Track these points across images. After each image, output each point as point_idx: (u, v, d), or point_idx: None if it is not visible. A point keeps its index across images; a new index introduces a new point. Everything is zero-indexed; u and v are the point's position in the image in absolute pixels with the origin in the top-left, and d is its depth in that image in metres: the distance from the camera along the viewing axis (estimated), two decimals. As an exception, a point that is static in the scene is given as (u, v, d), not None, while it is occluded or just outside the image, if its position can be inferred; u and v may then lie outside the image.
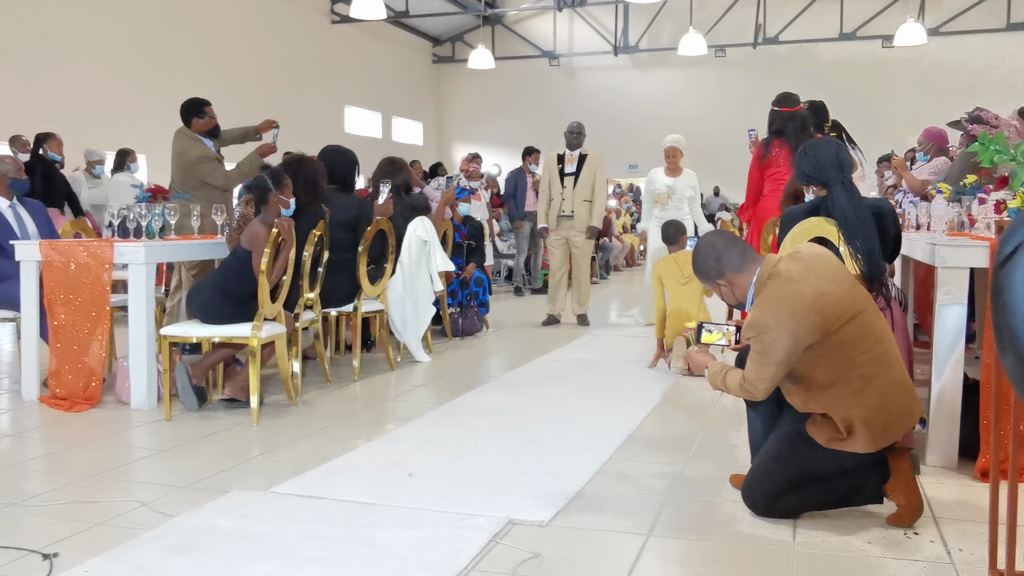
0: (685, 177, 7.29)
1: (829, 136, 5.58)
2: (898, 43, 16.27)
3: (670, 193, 7.22)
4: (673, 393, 4.78)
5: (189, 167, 5.70)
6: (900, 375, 2.74)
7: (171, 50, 13.87)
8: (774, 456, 2.80)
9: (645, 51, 21.82)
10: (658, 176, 7.35)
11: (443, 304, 6.76)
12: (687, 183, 7.26)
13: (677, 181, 7.26)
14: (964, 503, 2.97)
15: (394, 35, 21.37)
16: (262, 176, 4.35)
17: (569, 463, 3.39)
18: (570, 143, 7.46)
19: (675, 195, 7.21)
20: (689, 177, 7.31)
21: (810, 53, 20.70)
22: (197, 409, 4.28)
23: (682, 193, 7.21)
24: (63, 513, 2.86)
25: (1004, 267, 0.74)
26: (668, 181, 7.27)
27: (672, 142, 7.29)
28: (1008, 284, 0.73)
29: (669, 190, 7.23)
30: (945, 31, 19.55)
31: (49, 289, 4.42)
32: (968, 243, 3.28)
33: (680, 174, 7.29)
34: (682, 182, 7.25)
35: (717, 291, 2.88)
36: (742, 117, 13.00)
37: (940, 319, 3.29)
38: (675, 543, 2.64)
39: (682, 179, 7.28)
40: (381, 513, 2.84)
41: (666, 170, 7.31)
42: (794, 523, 2.76)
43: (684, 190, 7.21)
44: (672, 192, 7.22)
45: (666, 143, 7.31)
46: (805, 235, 3.31)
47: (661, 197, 7.25)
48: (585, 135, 7.49)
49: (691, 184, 7.27)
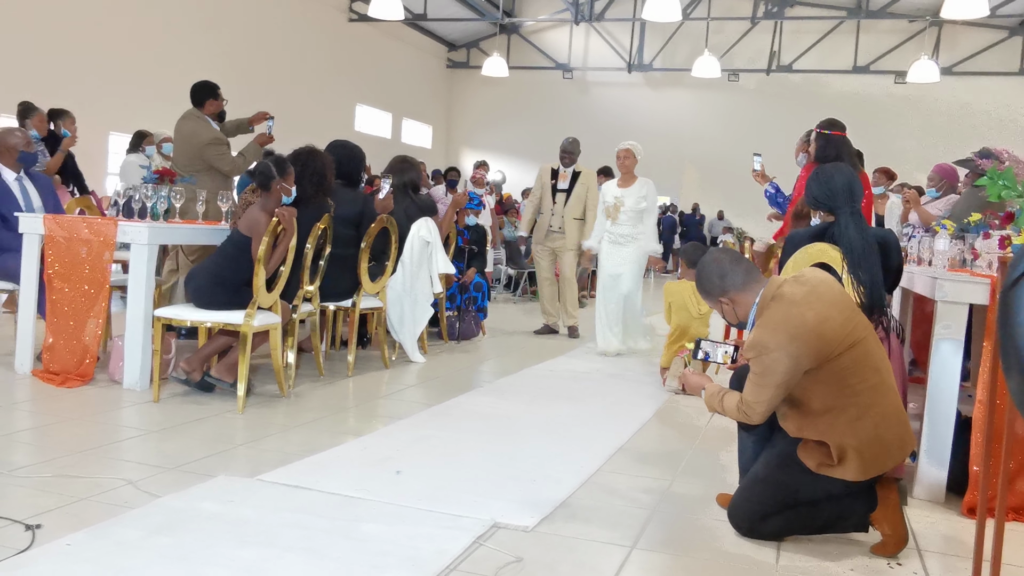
0: (637, 187, 6.47)
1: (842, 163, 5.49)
2: (911, 79, 16.38)
3: (618, 205, 6.43)
4: (665, 410, 4.78)
5: (199, 149, 5.69)
6: (896, 406, 2.74)
7: (187, 39, 13.90)
8: (762, 478, 2.80)
9: (659, 70, 21.92)
10: (608, 187, 6.62)
11: (441, 306, 6.76)
12: (638, 194, 6.44)
13: (627, 192, 6.46)
14: (949, 538, 2.97)
15: (410, 37, 21.45)
16: (266, 162, 4.35)
17: (557, 471, 3.39)
18: (562, 160, 7.34)
19: (624, 207, 6.42)
20: (641, 187, 6.48)
21: (822, 83, 20.80)
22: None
23: (633, 206, 6.41)
24: (48, 486, 2.86)
25: (1013, 288, 0.74)
26: (617, 192, 6.50)
27: (627, 144, 6.56)
28: (1016, 305, 0.73)
29: (617, 201, 6.44)
30: (958, 71, 19.66)
31: (50, 263, 4.42)
32: (969, 279, 3.28)
33: (632, 184, 6.50)
34: (633, 193, 6.45)
35: (719, 309, 2.87)
36: (751, 141, 13.04)
37: (937, 353, 3.29)
38: (658, 557, 2.63)
39: (633, 190, 6.46)
40: (366, 508, 2.84)
41: (619, 180, 6.60)
42: (778, 545, 2.75)
43: (636, 202, 6.42)
44: (620, 204, 6.43)
45: (620, 145, 6.57)
46: (808, 260, 3.32)
47: (610, 210, 6.48)
48: (579, 153, 7.35)
49: (643, 194, 6.43)
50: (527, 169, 11.32)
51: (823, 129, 5.17)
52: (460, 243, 7.33)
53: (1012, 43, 19.39)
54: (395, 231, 5.39)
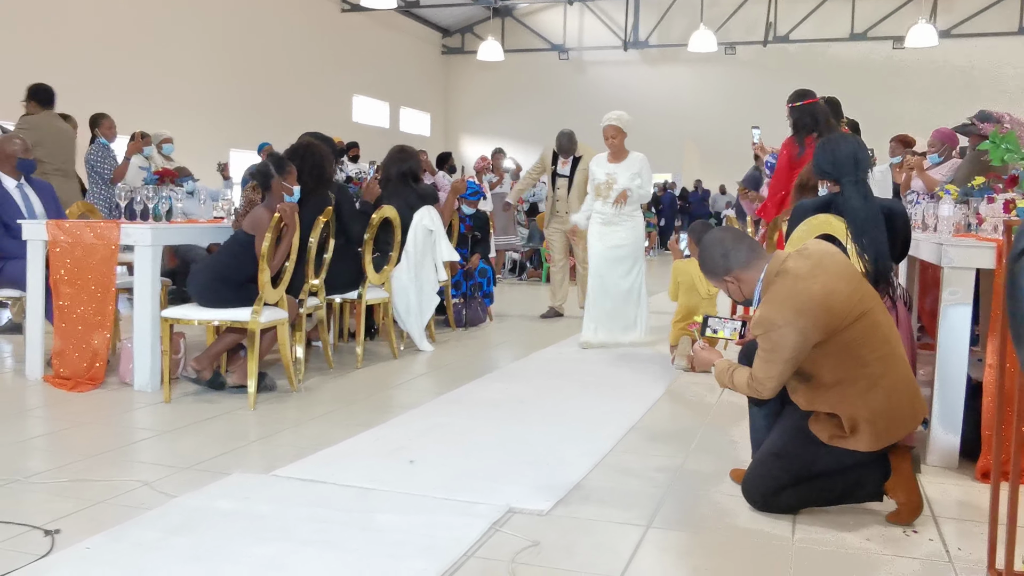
0: (630, 162, 5.98)
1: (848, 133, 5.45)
2: (909, 44, 16.22)
3: (610, 182, 5.92)
4: (675, 388, 4.78)
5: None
6: (906, 375, 2.73)
7: (181, 35, 13.86)
8: (775, 452, 2.80)
9: (655, 47, 21.76)
10: (599, 162, 6.08)
11: (447, 294, 6.76)
12: (632, 169, 5.94)
13: (619, 168, 5.95)
14: (964, 503, 2.97)
15: (404, 25, 21.35)
16: (265, 162, 4.35)
17: (570, 454, 3.40)
18: (560, 150, 7.33)
19: (617, 184, 5.90)
20: (633, 162, 5.98)
21: (820, 53, 20.64)
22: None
23: (627, 183, 5.90)
24: (65, 491, 2.87)
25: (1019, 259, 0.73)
26: (609, 168, 5.97)
27: (610, 120, 6.01)
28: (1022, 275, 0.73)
29: (609, 178, 5.93)
30: (957, 33, 19.49)
31: (55, 269, 4.43)
32: (975, 244, 3.27)
33: (624, 158, 6.00)
34: (626, 168, 5.95)
35: (724, 288, 2.86)
36: (750, 115, 12.98)
37: (945, 319, 3.28)
38: (674, 535, 2.64)
39: (626, 165, 5.96)
40: (382, 498, 2.85)
41: (609, 155, 6.06)
42: (793, 519, 2.76)
43: (630, 178, 5.91)
44: (613, 180, 5.92)
45: (603, 122, 6.05)
46: (812, 232, 3.30)
47: (601, 187, 5.96)
48: (575, 144, 7.30)
49: (636, 170, 5.94)
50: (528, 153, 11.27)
51: (793, 103, 5.18)
52: (463, 230, 7.32)
53: (1011, 2, 19.19)
54: (397, 221, 5.38)
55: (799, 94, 5.21)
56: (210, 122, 14.31)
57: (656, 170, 7.01)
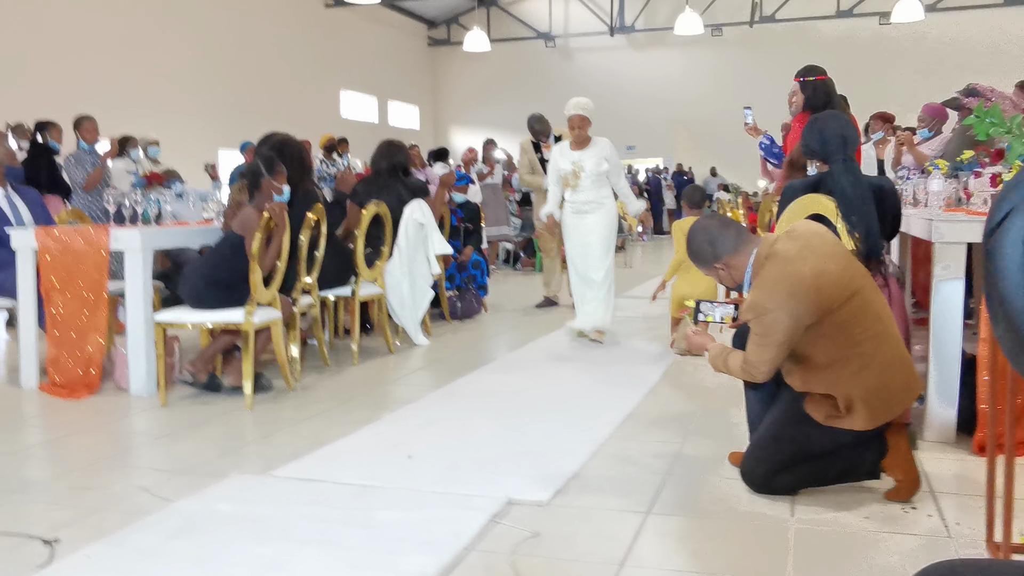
0: (595, 148, 5.71)
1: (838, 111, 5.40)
2: (895, 20, 16.22)
3: (577, 171, 5.66)
4: (672, 373, 4.78)
5: None
6: (899, 352, 2.74)
7: (165, 35, 13.78)
8: (772, 434, 2.81)
9: (641, 31, 21.71)
10: (561, 151, 5.80)
11: (441, 287, 6.75)
12: (598, 155, 5.68)
13: (584, 155, 5.68)
14: (961, 477, 2.98)
15: (389, 18, 21.25)
16: (255, 162, 4.34)
17: (568, 443, 3.40)
18: (537, 134, 7.41)
19: (584, 172, 5.65)
20: (601, 148, 5.72)
21: (807, 31, 20.60)
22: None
23: (594, 168, 5.64)
24: (64, 499, 2.87)
25: (995, 233, 0.73)
26: (573, 156, 5.69)
27: (577, 109, 5.68)
28: (999, 250, 0.72)
29: (575, 166, 5.67)
30: (943, 7, 19.46)
31: (46, 277, 4.41)
32: (965, 218, 3.27)
33: (587, 145, 5.72)
34: (591, 155, 5.67)
35: (715, 275, 2.86)
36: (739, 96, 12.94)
37: (938, 294, 3.28)
38: (674, 521, 2.65)
39: (591, 151, 5.69)
40: (380, 495, 2.85)
41: (572, 143, 5.80)
42: (792, 499, 2.76)
43: (597, 164, 5.65)
44: (580, 168, 5.66)
45: (568, 111, 5.73)
46: (801, 212, 3.30)
47: (568, 177, 5.70)
48: (547, 121, 7.41)
49: (604, 155, 5.69)
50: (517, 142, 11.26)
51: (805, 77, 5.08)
52: (454, 222, 7.31)
53: (995, -27, 19.18)
54: (387, 216, 5.36)
55: (810, 69, 5.08)
56: (197, 123, 14.24)
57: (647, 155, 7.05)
